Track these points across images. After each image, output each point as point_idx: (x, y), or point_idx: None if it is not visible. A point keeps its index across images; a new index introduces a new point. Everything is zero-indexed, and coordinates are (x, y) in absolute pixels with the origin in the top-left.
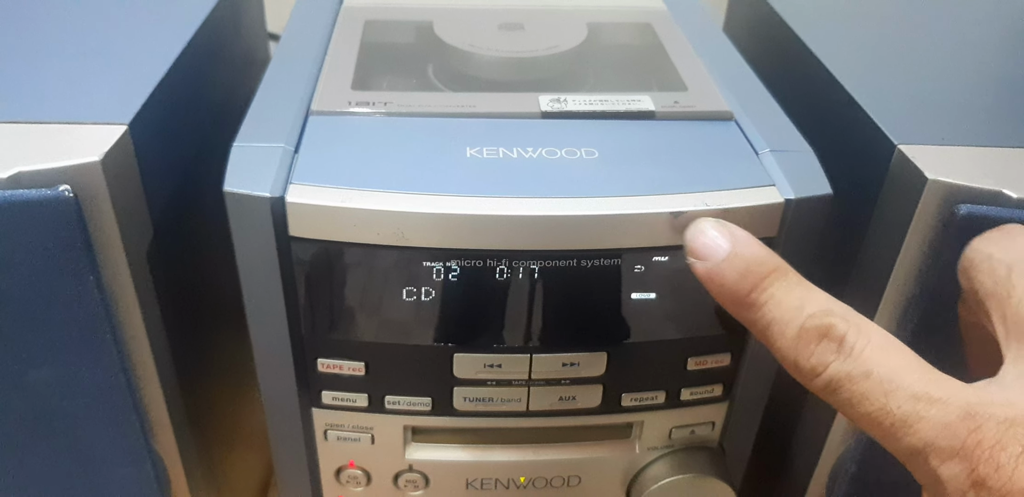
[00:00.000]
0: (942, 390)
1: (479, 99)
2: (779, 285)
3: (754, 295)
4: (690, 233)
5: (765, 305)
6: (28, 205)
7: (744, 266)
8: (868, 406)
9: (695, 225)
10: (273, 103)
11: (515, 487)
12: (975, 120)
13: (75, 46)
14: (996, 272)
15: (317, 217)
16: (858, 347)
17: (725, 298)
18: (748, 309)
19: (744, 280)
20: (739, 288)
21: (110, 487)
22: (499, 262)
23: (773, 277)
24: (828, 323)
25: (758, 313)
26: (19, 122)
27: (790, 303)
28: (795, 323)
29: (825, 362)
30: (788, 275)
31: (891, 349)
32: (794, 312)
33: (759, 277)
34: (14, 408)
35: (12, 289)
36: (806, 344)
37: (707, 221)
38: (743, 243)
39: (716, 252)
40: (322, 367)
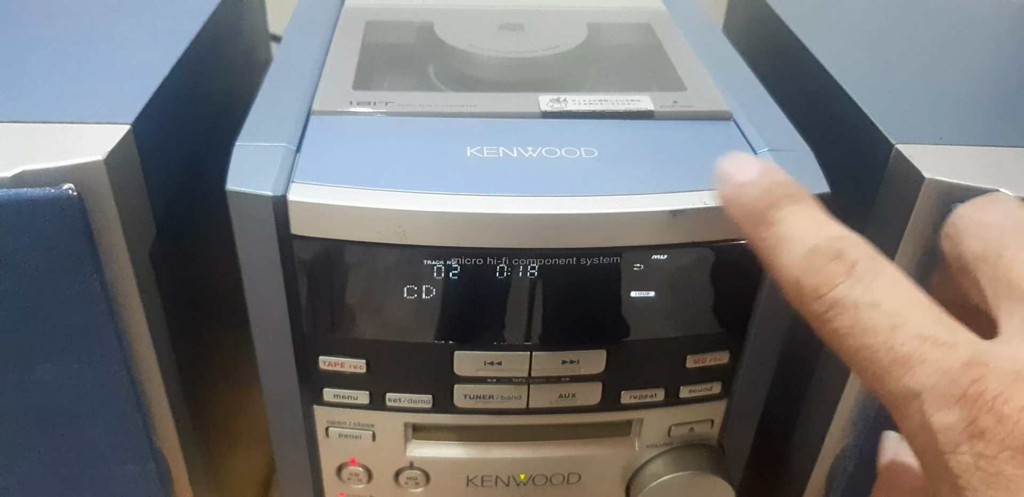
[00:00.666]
0: (952, 334)
1: (479, 99)
2: (799, 206)
3: (771, 211)
4: (723, 158)
5: (781, 222)
6: (32, 204)
7: (767, 184)
8: (869, 338)
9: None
10: (275, 103)
11: (515, 484)
12: (972, 120)
13: (79, 46)
14: (986, 235)
15: (318, 215)
16: (870, 275)
17: (742, 214)
18: (761, 225)
19: (765, 196)
20: (759, 203)
21: (113, 484)
22: (499, 260)
23: (796, 198)
24: (843, 246)
25: (771, 230)
26: (23, 121)
27: (807, 223)
28: (808, 241)
29: (832, 282)
30: (810, 201)
31: (904, 285)
32: (809, 231)
33: (780, 196)
34: (19, 405)
35: (16, 287)
36: (813, 261)
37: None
38: (772, 169)
39: (743, 173)
40: (324, 365)
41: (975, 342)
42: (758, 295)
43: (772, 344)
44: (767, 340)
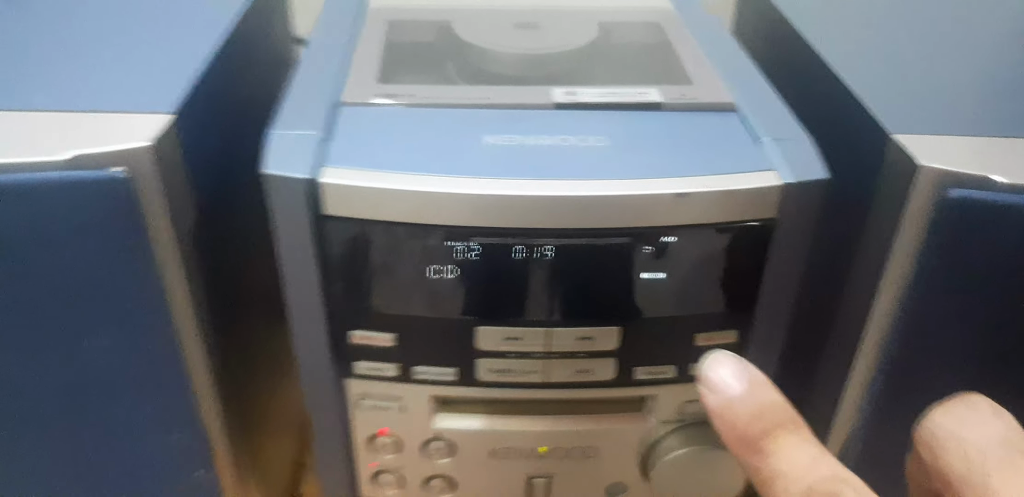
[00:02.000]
0: None
1: (496, 92)
2: (792, 438)
3: (764, 442)
4: (707, 362)
5: (774, 455)
6: (87, 184)
7: (758, 409)
8: None
9: (713, 356)
10: (306, 95)
11: (536, 457)
12: (965, 111)
13: (126, 44)
14: (968, 455)
15: (348, 197)
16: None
17: (732, 438)
18: (755, 455)
19: (756, 423)
20: (750, 431)
21: (157, 454)
22: (516, 240)
23: (788, 428)
24: (839, 490)
25: (764, 462)
26: (78, 111)
27: (801, 459)
28: (804, 482)
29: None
30: (803, 430)
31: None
32: (804, 470)
33: (773, 424)
34: (70, 376)
35: (70, 263)
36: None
37: (725, 354)
38: (761, 385)
39: (731, 388)
40: (355, 339)
41: None
42: (763, 276)
43: (778, 324)
44: (773, 320)
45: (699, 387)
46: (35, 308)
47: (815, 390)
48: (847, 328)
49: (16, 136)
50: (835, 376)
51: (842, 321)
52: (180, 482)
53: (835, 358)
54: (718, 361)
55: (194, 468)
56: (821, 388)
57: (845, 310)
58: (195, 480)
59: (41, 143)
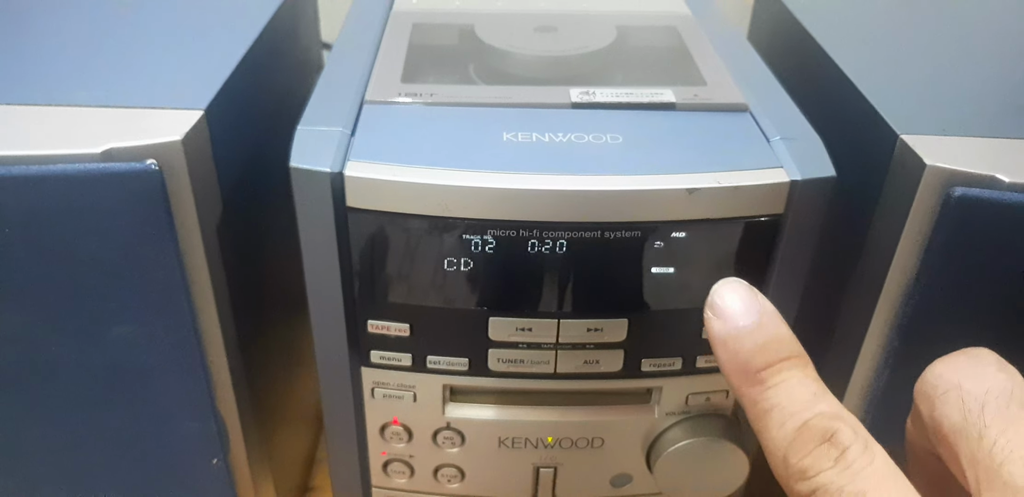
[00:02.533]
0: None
1: (515, 92)
2: (796, 372)
3: (766, 373)
4: (719, 288)
5: (774, 387)
6: (119, 176)
7: (765, 339)
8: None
9: (726, 282)
10: (332, 93)
11: (543, 446)
12: (972, 112)
13: (158, 45)
14: (966, 405)
15: (371, 190)
16: (859, 463)
17: (733, 366)
18: (754, 386)
19: (761, 353)
20: (753, 360)
21: (177, 441)
22: (531, 233)
23: (793, 362)
24: (836, 427)
25: (763, 393)
26: (112, 106)
27: (801, 394)
28: (800, 416)
29: (819, 467)
30: (808, 367)
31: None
32: (803, 405)
33: (778, 356)
34: (95, 361)
35: (101, 251)
36: (804, 442)
37: (739, 282)
38: (773, 317)
39: (741, 316)
40: (372, 328)
41: None
42: (770, 271)
43: (784, 318)
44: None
45: (706, 311)
46: (65, 294)
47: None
48: (852, 324)
49: (54, 129)
50: (840, 372)
51: (847, 317)
52: (196, 469)
53: (840, 354)
54: (731, 287)
55: (211, 456)
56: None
57: (851, 306)
58: (211, 467)
59: (77, 136)
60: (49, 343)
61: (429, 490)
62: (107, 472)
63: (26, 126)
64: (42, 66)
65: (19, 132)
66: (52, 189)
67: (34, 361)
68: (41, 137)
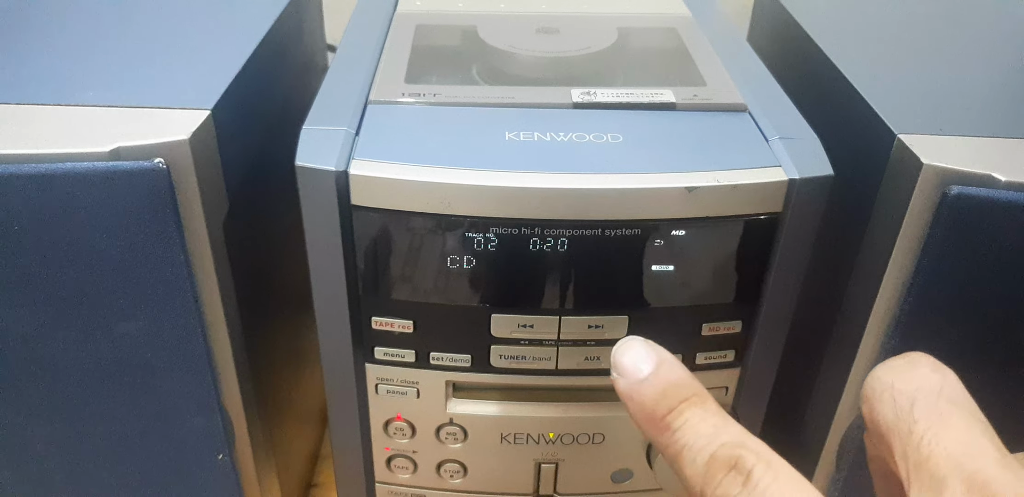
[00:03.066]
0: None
1: (517, 92)
2: (695, 411)
3: (669, 418)
4: (618, 349)
5: (679, 429)
6: (127, 174)
7: (663, 387)
8: None
9: (623, 342)
10: (337, 93)
11: (545, 442)
12: (969, 112)
13: (166, 46)
14: (898, 403)
15: (376, 188)
16: (763, 483)
17: (642, 418)
18: (662, 432)
19: (662, 401)
20: (656, 409)
21: (183, 436)
22: (532, 231)
23: (691, 402)
24: (738, 454)
25: (672, 437)
26: (120, 106)
27: (704, 430)
28: (706, 451)
29: (730, 494)
30: (707, 403)
31: (797, 488)
32: (706, 439)
33: (677, 400)
34: (104, 357)
35: (109, 248)
36: (713, 473)
37: (636, 339)
38: (667, 365)
39: (639, 371)
40: (376, 325)
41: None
42: (768, 268)
43: (783, 315)
44: (778, 311)
45: (612, 374)
46: (72, 291)
47: (818, 382)
48: (850, 322)
49: (63, 128)
50: (838, 369)
51: (845, 315)
52: (202, 465)
53: (838, 352)
54: (627, 346)
55: (216, 451)
56: (824, 381)
57: (848, 304)
58: (216, 463)
59: (85, 135)
60: (55, 339)
61: (432, 485)
62: (112, 467)
63: (35, 125)
64: (50, 66)
65: (28, 131)
66: (60, 187)
67: (40, 357)
68: (49, 136)
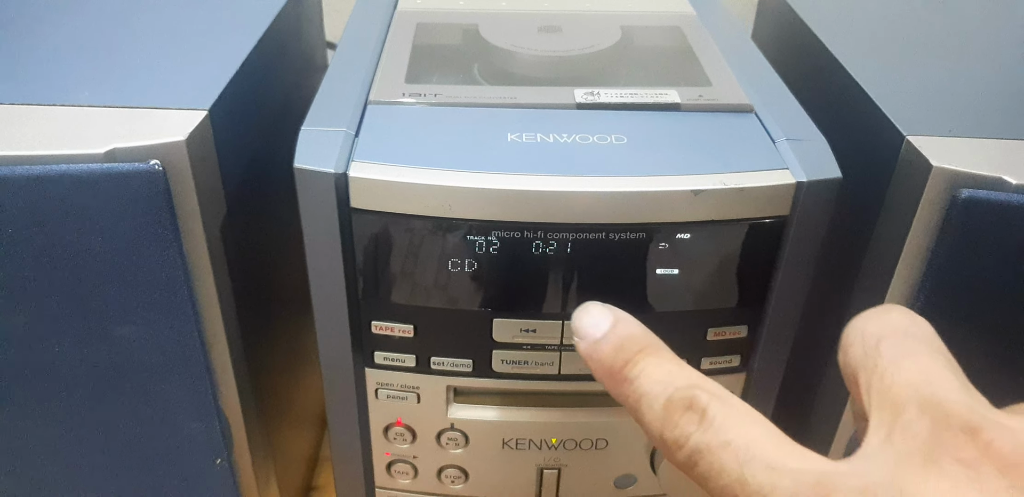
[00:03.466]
0: (797, 461)
1: (519, 92)
2: (651, 360)
3: (626, 369)
4: (576, 313)
5: (636, 379)
6: (123, 176)
7: (619, 342)
8: (725, 477)
9: (581, 307)
10: (336, 94)
11: (547, 448)
12: (979, 113)
13: (162, 45)
14: (866, 342)
15: (376, 191)
16: (719, 418)
17: (602, 375)
18: (621, 384)
19: (618, 355)
20: (613, 363)
21: (181, 441)
22: (535, 234)
23: (646, 352)
24: (692, 394)
25: (630, 387)
26: (116, 107)
27: (659, 376)
28: (663, 396)
29: (687, 433)
30: (661, 352)
31: (751, 420)
32: (662, 386)
33: (632, 352)
34: (99, 361)
35: (105, 251)
36: (671, 416)
37: (593, 303)
38: (622, 322)
39: (596, 330)
40: (375, 329)
41: (823, 464)
42: (775, 272)
43: (788, 320)
44: (783, 316)
45: (573, 338)
46: (68, 294)
47: (824, 388)
48: None
49: (57, 129)
50: None
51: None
52: (200, 469)
53: None
54: (583, 310)
55: (214, 456)
56: (830, 386)
57: (856, 307)
58: (215, 468)
59: (80, 137)
60: (52, 343)
61: (433, 491)
62: (110, 472)
63: (29, 126)
64: (45, 65)
65: (22, 132)
66: (55, 190)
67: (37, 361)
68: (44, 137)
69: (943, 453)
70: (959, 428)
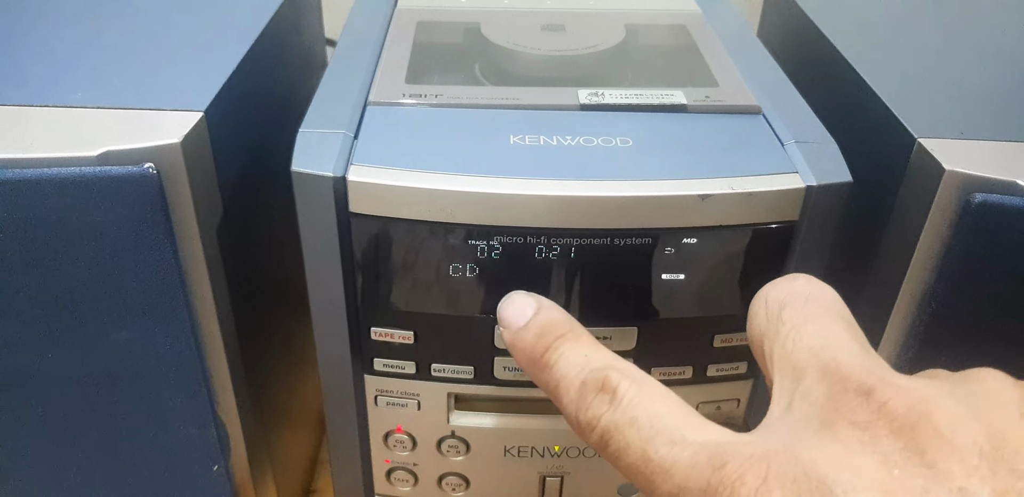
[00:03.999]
0: (698, 434)
1: (522, 93)
2: (569, 345)
3: (547, 355)
4: (501, 303)
5: (555, 365)
6: (116, 180)
7: (540, 329)
8: (631, 454)
9: (506, 297)
10: (334, 94)
11: (550, 455)
12: (992, 115)
13: (157, 43)
14: (769, 309)
15: (375, 195)
16: (628, 396)
17: (525, 362)
18: (542, 370)
19: (539, 341)
20: (536, 350)
21: (177, 447)
22: (538, 239)
23: (565, 338)
24: (605, 375)
25: (549, 373)
26: (109, 108)
27: (576, 360)
28: (579, 378)
29: (598, 414)
30: (581, 337)
31: (659, 397)
32: (578, 368)
33: (552, 338)
34: (93, 368)
35: (98, 257)
36: (583, 396)
37: (518, 293)
38: (544, 310)
39: (520, 318)
40: (375, 335)
41: (723, 435)
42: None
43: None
44: None
45: (498, 328)
46: (62, 300)
47: None
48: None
49: (49, 131)
50: None
51: (862, 325)
52: (197, 476)
53: None
54: (509, 299)
55: (212, 463)
56: None
57: (866, 314)
58: (212, 474)
59: (73, 139)
60: (46, 349)
61: None
62: (106, 480)
63: (19, 128)
64: (37, 66)
65: (12, 134)
66: (47, 194)
67: (30, 368)
68: (36, 139)
69: (838, 417)
70: (854, 391)
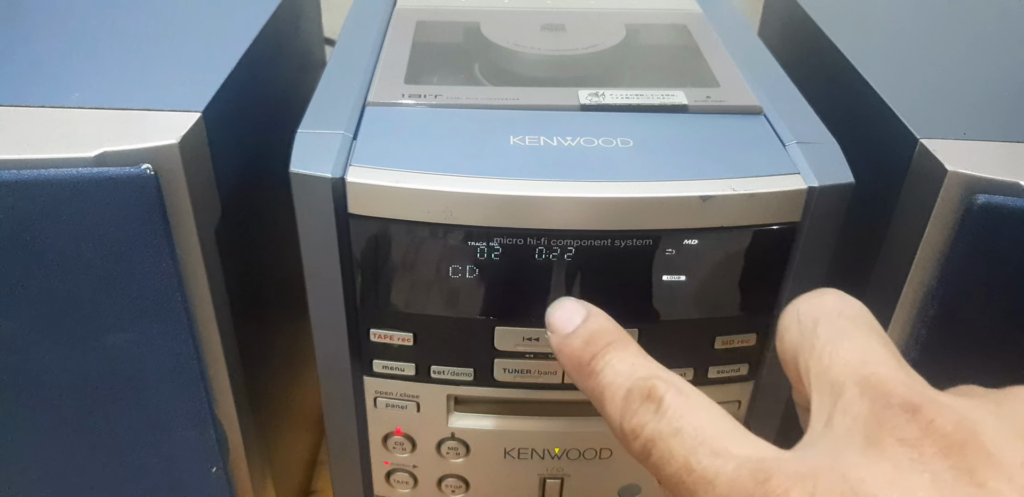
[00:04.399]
0: (742, 447)
1: (522, 93)
2: (616, 353)
3: (593, 362)
4: (550, 308)
5: (602, 372)
6: (113, 181)
7: (589, 336)
8: (673, 465)
9: (556, 302)
10: (333, 95)
11: (550, 457)
12: (995, 116)
13: (155, 44)
14: (803, 324)
15: (374, 196)
16: (673, 406)
17: (571, 368)
18: (588, 377)
19: (587, 348)
20: (582, 356)
21: (175, 449)
22: (538, 241)
23: (613, 346)
24: (652, 384)
25: (595, 380)
26: (106, 108)
27: (623, 369)
28: (624, 386)
29: (643, 423)
30: (628, 346)
31: (704, 409)
32: (624, 376)
33: (600, 345)
34: (91, 370)
35: (95, 258)
36: (629, 404)
37: (567, 298)
38: (593, 317)
39: (568, 324)
40: (374, 337)
41: (767, 451)
42: (784, 279)
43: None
44: None
45: (547, 333)
46: (59, 302)
47: None
48: None
49: (47, 132)
50: None
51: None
52: (196, 478)
53: None
54: (556, 305)
55: (211, 464)
56: None
57: None
58: (210, 476)
59: (70, 139)
60: (43, 352)
61: None
62: (104, 482)
63: (16, 128)
64: (34, 66)
65: (9, 135)
66: (44, 195)
67: (28, 370)
68: (33, 140)
69: (884, 433)
70: (899, 407)
